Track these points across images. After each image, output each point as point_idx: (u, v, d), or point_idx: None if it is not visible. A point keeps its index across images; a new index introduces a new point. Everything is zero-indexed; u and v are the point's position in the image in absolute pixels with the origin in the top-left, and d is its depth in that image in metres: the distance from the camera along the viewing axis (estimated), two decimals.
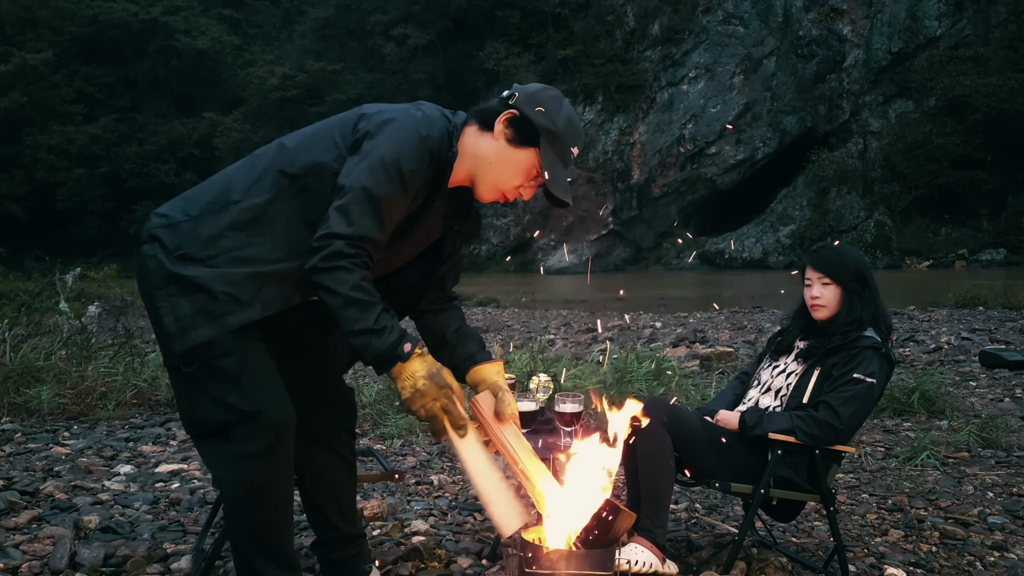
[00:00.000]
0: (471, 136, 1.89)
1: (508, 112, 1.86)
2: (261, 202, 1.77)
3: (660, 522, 2.38)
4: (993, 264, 30.28)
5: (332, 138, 1.82)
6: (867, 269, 2.63)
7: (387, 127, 1.78)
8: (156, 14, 43.68)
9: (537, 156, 1.86)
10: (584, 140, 1.94)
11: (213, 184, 1.87)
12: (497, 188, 1.91)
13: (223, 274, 1.72)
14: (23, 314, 6.82)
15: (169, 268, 1.73)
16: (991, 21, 35.32)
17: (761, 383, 2.70)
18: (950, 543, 2.84)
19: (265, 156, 1.86)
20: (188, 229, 1.76)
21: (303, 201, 1.79)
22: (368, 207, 1.70)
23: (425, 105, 1.92)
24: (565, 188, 1.89)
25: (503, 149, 1.87)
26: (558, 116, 1.86)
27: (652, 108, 37.17)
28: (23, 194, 39.70)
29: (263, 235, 1.76)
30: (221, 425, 1.74)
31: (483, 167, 1.89)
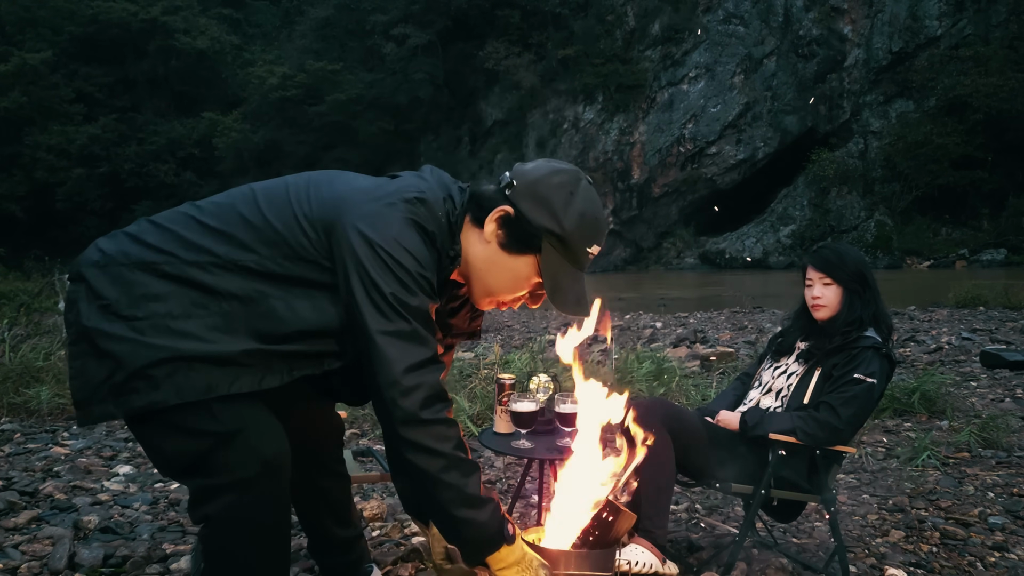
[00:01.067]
0: (466, 232, 1.55)
1: (500, 209, 1.50)
2: (217, 270, 1.45)
3: (660, 523, 2.37)
4: (994, 264, 30.27)
5: (309, 216, 1.47)
6: (868, 269, 2.63)
7: (388, 221, 1.43)
8: (156, 14, 43.71)
9: (535, 265, 1.52)
10: (607, 230, 1.56)
11: (167, 229, 1.52)
12: (492, 297, 1.59)
13: (142, 344, 1.41)
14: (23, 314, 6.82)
15: (85, 322, 1.44)
16: (991, 21, 35.29)
17: (762, 384, 2.70)
18: (951, 543, 2.84)
19: (235, 215, 1.50)
20: (121, 277, 1.45)
21: (263, 278, 1.46)
22: (423, 322, 1.39)
23: (428, 182, 1.54)
24: (577, 300, 1.54)
25: (496, 255, 1.52)
26: (567, 212, 1.48)
27: (652, 108, 37.16)
28: (23, 194, 39.73)
29: (208, 307, 1.44)
30: (197, 457, 1.44)
31: (474, 272, 1.56)
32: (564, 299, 1.52)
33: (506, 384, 2.53)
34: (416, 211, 1.45)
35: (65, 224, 40.72)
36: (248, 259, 1.46)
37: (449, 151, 40.87)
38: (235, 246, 1.47)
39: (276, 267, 1.46)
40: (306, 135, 41.14)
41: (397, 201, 1.45)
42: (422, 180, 1.55)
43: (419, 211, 1.45)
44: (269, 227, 1.48)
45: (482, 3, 38.44)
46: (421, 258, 1.41)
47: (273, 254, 1.46)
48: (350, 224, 1.42)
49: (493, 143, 39.76)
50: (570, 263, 1.51)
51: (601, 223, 1.55)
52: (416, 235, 1.42)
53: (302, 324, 1.46)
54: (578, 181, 1.53)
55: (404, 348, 1.37)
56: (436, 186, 1.54)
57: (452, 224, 1.51)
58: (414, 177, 1.56)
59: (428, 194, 1.50)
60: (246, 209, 1.51)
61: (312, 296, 1.47)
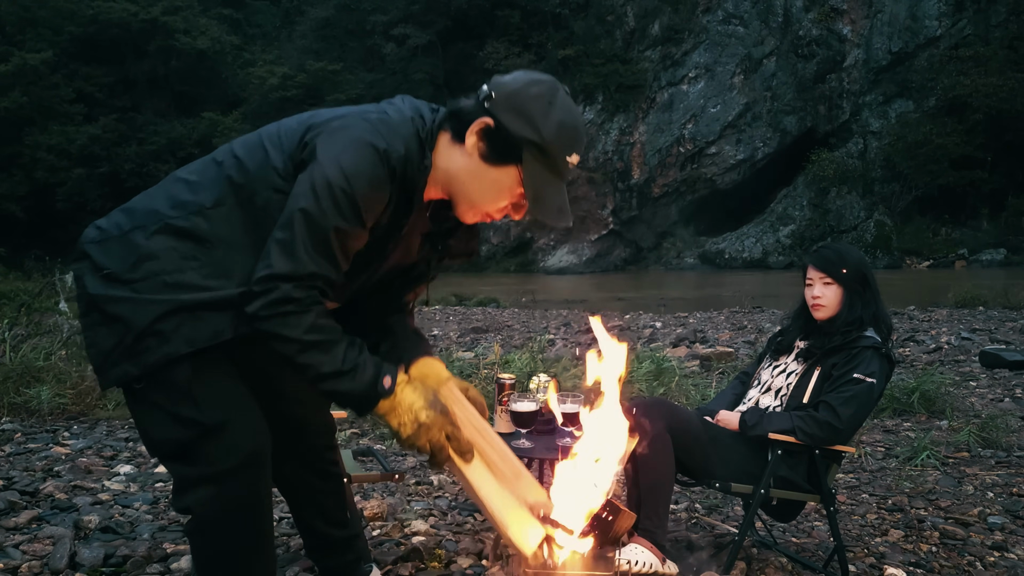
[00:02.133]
0: (444, 146, 1.57)
1: (480, 121, 1.51)
2: (201, 219, 1.52)
3: (660, 522, 2.38)
4: (993, 264, 30.29)
5: (280, 146, 1.55)
6: (868, 269, 2.63)
7: (336, 139, 1.48)
8: (156, 14, 43.70)
9: (517, 175, 1.53)
10: (585, 140, 1.55)
11: (154, 194, 1.61)
12: (477, 210, 1.60)
13: (144, 302, 1.48)
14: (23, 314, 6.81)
15: (91, 292, 1.52)
16: (991, 21, 35.32)
17: (761, 383, 2.70)
18: (950, 543, 2.84)
19: (212, 163, 1.60)
20: (118, 246, 1.53)
21: (247, 218, 1.53)
22: (313, 241, 1.44)
23: (396, 104, 1.61)
24: (559, 209, 1.56)
25: (478, 167, 1.54)
26: (546, 121, 1.50)
27: (652, 108, 37.17)
28: (23, 194, 39.71)
29: (200, 257, 1.51)
30: (182, 444, 1.52)
31: (457, 186, 1.58)
32: (546, 208, 1.54)
33: (506, 384, 2.53)
34: (374, 129, 1.49)
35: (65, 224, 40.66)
36: (228, 201, 1.53)
37: None
38: (214, 192, 1.54)
39: (258, 203, 1.53)
40: None
41: (356, 121, 1.51)
42: (389, 103, 1.61)
43: (378, 129, 1.50)
44: (242, 167, 1.55)
45: (482, 3, 38.44)
46: (358, 179, 1.45)
47: (252, 193, 1.53)
48: (310, 140, 1.50)
49: None
50: (551, 172, 1.53)
51: (579, 132, 1.56)
52: (364, 154, 1.46)
53: None
54: (556, 91, 1.54)
55: (279, 256, 1.44)
56: (404, 107, 1.59)
57: (423, 140, 1.54)
58: (383, 103, 1.62)
59: (391, 113, 1.55)
60: (221, 155, 1.60)
61: None
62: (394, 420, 1.53)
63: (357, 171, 1.44)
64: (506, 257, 38.10)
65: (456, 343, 9.11)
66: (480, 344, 8.47)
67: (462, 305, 16.59)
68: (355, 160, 1.45)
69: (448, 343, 9.11)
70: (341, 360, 1.48)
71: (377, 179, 1.47)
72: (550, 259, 37.08)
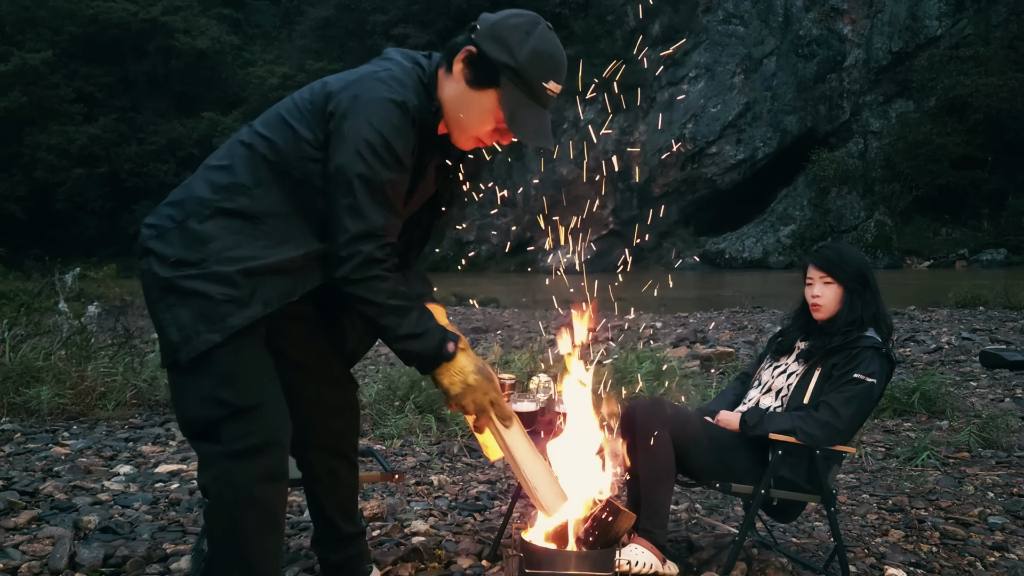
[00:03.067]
0: (442, 81, 1.74)
1: (465, 50, 1.70)
2: (245, 198, 1.67)
3: (660, 523, 2.38)
4: (993, 264, 30.28)
5: (305, 119, 1.69)
6: (869, 270, 2.63)
7: (360, 103, 1.63)
8: (156, 14, 43.68)
9: (497, 99, 1.68)
10: (565, 70, 1.75)
11: (194, 184, 1.75)
12: (468, 134, 1.76)
13: (217, 275, 1.63)
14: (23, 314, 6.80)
15: (164, 277, 1.66)
16: (991, 21, 35.30)
17: (762, 383, 2.70)
18: (950, 543, 2.84)
19: (240, 146, 1.74)
20: (177, 236, 1.67)
21: (288, 189, 1.69)
22: (374, 197, 1.61)
23: (395, 59, 1.76)
24: (537, 131, 1.71)
25: (464, 92, 1.71)
26: (521, 48, 1.65)
27: (652, 108, 37.16)
28: (23, 194, 39.69)
29: (253, 231, 1.66)
30: (211, 423, 1.65)
31: (449, 113, 1.74)
32: (522, 129, 1.69)
33: (506, 384, 2.53)
34: (388, 87, 1.65)
35: (65, 224, 40.69)
36: (266, 178, 1.68)
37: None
38: (251, 172, 1.69)
39: (295, 175, 1.68)
40: None
41: (371, 83, 1.66)
42: (387, 60, 1.76)
43: (391, 85, 1.66)
44: (272, 145, 1.69)
45: (482, 3, 38.41)
46: (391, 133, 1.62)
47: (287, 167, 1.68)
48: (335, 109, 1.65)
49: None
50: (528, 96, 1.68)
51: (558, 60, 1.69)
52: (388, 110, 1.62)
53: None
54: (536, 23, 1.69)
55: (351, 220, 1.61)
56: (404, 60, 1.75)
57: (427, 85, 1.71)
58: (382, 60, 1.77)
59: (395, 68, 1.71)
60: (247, 137, 1.74)
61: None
62: (446, 379, 1.72)
63: (388, 126, 1.61)
64: (506, 257, 38.09)
65: None
66: (480, 344, 8.46)
67: (462, 305, 16.58)
68: (384, 117, 1.62)
69: None
70: (415, 324, 1.67)
71: (404, 128, 1.64)
72: (550, 259, 37.09)
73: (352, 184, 1.60)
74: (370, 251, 1.61)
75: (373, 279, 1.62)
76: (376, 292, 1.63)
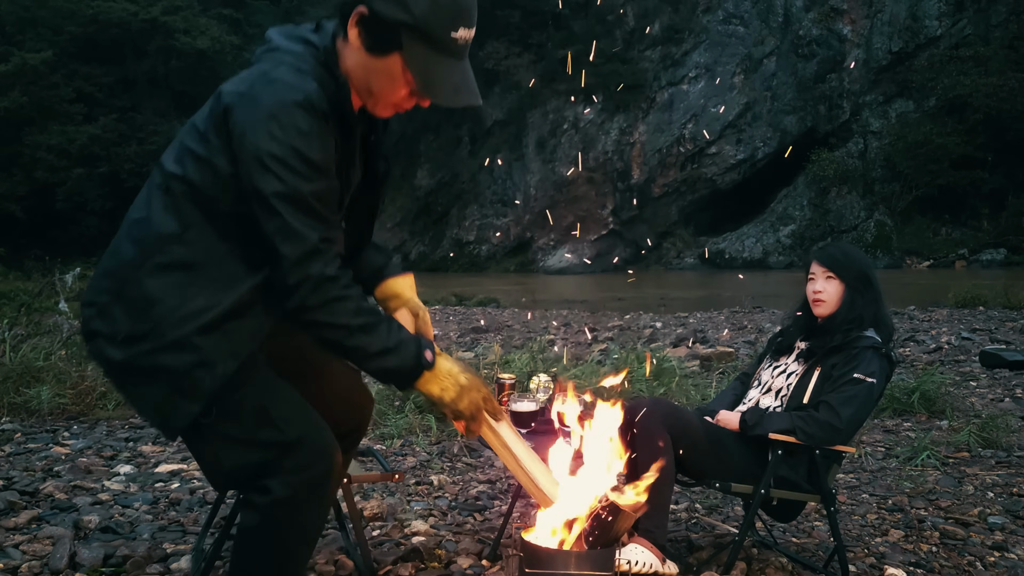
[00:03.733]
0: (341, 50, 1.53)
1: (356, 12, 1.47)
2: (177, 246, 1.50)
3: (660, 522, 2.38)
4: (993, 264, 30.29)
5: (212, 146, 1.49)
6: (872, 271, 2.64)
7: (257, 116, 1.42)
8: (156, 14, 43.69)
9: (403, 62, 1.47)
10: (474, 11, 1.52)
11: (121, 247, 1.57)
12: (383, 102, 1.56)
13: (173, 344, 1.47)
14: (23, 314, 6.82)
15: (118, 361, 1.51)
16: (991, 21, 35.30)
17: (761, 383, 2.70)
18: (950, 543, 2.84)
19: (157, 191, 1.55)
20: (119, 309, 1.51)
21: (221, 224, 1.51)
22: (299, 212, 1.43)
23: (281, 46, 1.54)
24: (457, 88, 1.51)
25: (367, 60, 1.49)
26: (417, 1, 1.43)
27: (652, 108, 37.16)
28: (23, 194, 39.69)
29: (196, 280, 1.50)
30: (259, 468, 1.52)
31: (358, 84, 1.54)
32: (440, 91, 1.50)
33: (506, 384, 2.53)
34: (284, 84, 1.45)
35: (65, 224, 40.68)
36: (194, 220, 1.52)
37: (449, 151, 40.85)
38: (176, 217, 1.52)
39: (224, 208, 1.51)
40: None
41: (263, 87, 1.46)
42: (272, 49, 1.55)
43: (286, 81, 1.45)
44: (189, 184, 1.52)
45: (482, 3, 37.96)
46: (300, 140, 1.42)
47: (213, 201, 1.51)
48: (234, 125, 1.45)
49: (493, 143, 39.75)
50: (437, 52, 1.47)
51: (460, 4, 1.48)
52: (290, 114, 1.42)
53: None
54: None
55: (286, 244, 1.44)
56: (291, 44, 1.54)
57: (325, 63, 1.51)
58: (267, 50, 1.57)
59: (284, 57, 1.51)
60: (160, 180, 1.57)
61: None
62: (435, 387, 1.59)
63: (295, 133, 1.42)
64: (506, 257, 38.10)
65: (456, 343, 9.11)
66: (480, 344, 8.47)
67: (462, 305, 16.58)
68: (287, 124, 1.42)
69: (448, 343, 9.11)
70: (386, 338, 1.52)
71: (315, 130, 1.44)
72: (550, 259, 37.08)
73: (273, 205, 1.42)
74: (319, 271, 1.45)
75: (332, 301, 1.47)
76: (338, 314, 1.48)
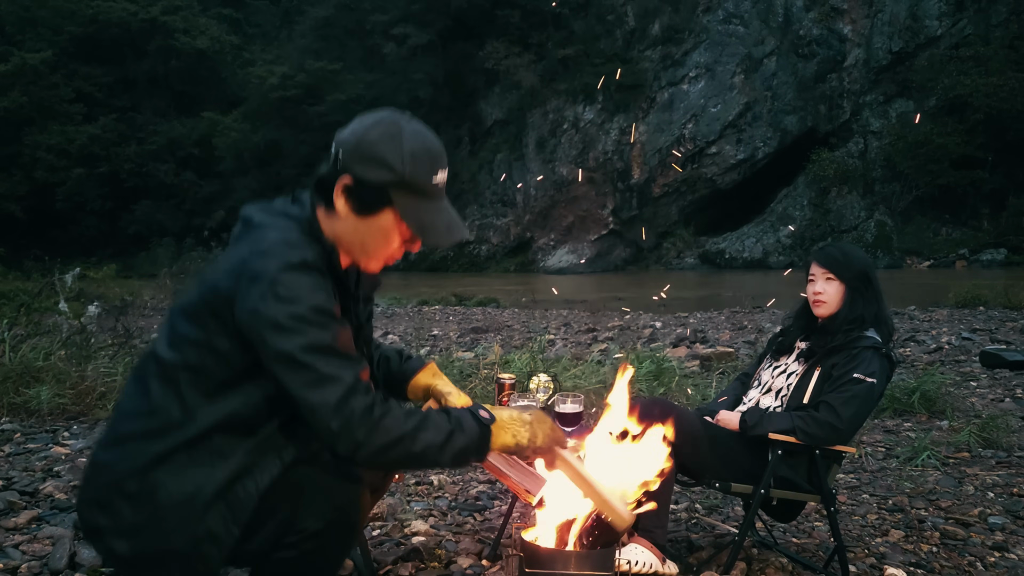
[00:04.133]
0: (324, 220, 1.59)
1: (340, 183, 1.54)
2: (178, 432, 1.50)
3: (660, 522, 2.38)
4: (994, 264, 30.28)
5: (210, 329, 1.50)
6: (872, 270, 2.63)
7: (262, 290, 1.44)
8: (156, 14, 43.73)
9: (395, 215, 1.56)
10: (444, 154, 1.63)
11: (118, 439, 1.56)
12: (376, 259, 1.64)
13: (179, 523, 1.47)
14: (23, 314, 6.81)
15: (126, 552, 1.50)
16: (992, 21, 35.29)
17: (761, 383, 2.70)
18: (951, 543, 2.84)
19: (156, 382, 1.54)
20: (120, 502, 1.50)
21: (223, 396, 1.52)
22: (329, 358, 1.45)
23: (264, 223, 1.57)
24: (450, 227, 1.60)
25: (358, 223, 1.57)
26: (399, 159, 1.52)
27: (652, 108, 37.15)
28: (22, 194, 39.72)
29: (196, 460, 1.50)
30: (276, 538, 1.54)
31: (351, 248, 1.61)
32: (435, 234, 1.59)
33: (506, 384, 2.53)
34: (280, 252, 1.49)
35: (65, 224, 40.71)
36: (198, 403, 1.51)
37: (449, 151, 40.37)
38: (179, 404, 1.51)
39: (224, 380, 1.52)
40: (306, 135, 41.12)
41: (261, 261, 1.48)
42: (256, 226, 1.58)
43: (281, 250, 1.49)
44: (192, 371, 1.53)
45: (482, 3, 38.42)
46: (308, 295, 1.46)
47: (216, 380, 1.52)
48: (243, 310, 1.47)
49: (493, 143, 39.75)
50: (424, 200, 1.56)
51: (435, 150, 1.58)
52: (293, 275, 1.46)
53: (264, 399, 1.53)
54: (397, 124, 1.55)
55: (321, 393, 1.44)
56: (274, 219, 1.58)
57: (311, 231, 1.57)
58: (251, 232, 1.58)
59: (270, 231, 1.54)
60: (156, 369, 1.56)
61: (242, 384, 1.53)
62: (508, 437, 1.58)
63: (302, 290, 1.45)
64: (506, 257, 38.10)
65: (456, 343, 9.11)
66: (480, 344, 8.47)
67: (462, 305, 16.59)
68: (292, 284, 1.45)
69: (448, 343, 9.11)
70: (444, 422, 1.51)
71: (317, 283, 1.49)
72: (550, 259, 37.08)
73: (301, 361, 1.44)
74: (360, 405, 1.44)
75: (379, 422, 1.45)
76: (392, 430, 1.46)
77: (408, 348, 8.24)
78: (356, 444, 1.44)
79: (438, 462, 1.52)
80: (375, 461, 1.49)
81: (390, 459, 1.49)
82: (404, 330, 10.98)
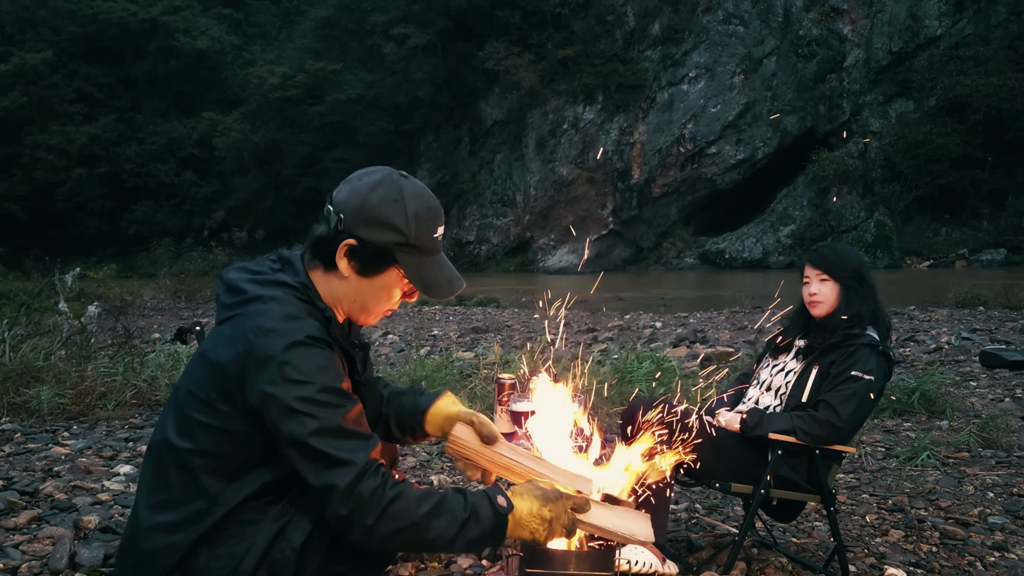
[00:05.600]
0: (321, 281, 1.60)
1: (343, 245, 1.55)
2: (207, 518, 1.51)
3: (660, 522, 2.38)
4: (993, 264, 30.29)
5: (221, 413, 1.50)
6: (865, 268, 2.64)
7: (269, 371, 1.44)
8: (156, 14, 43.72)
9: (399, 273, 1.59)
10: (441, 210, 1.63)
11: (146, 532, 1.54)
12: (375, 314, 1.66)
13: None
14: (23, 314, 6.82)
15: None
16: (991, 21, 35.30)
17: (761, 382, 2.70)
18: (950, 543, 2.84)
19: (174, 471, 1.53)
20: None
21: (244, 480, 1.53)
22: (339, 439, 1.44)
23: (259, 295, 1.54)
24: (451, 281, 1.63)
25: (359, 283, 1.59)
26: (403, 220, 1.54)
27: (652, 108, 37.16)
28: (23, 194, 39.72)
29: (224, 538, 1.52)
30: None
31: (349, 304, 1.63)
32: (439, 290, 1.61)
33: (506, 384, 2.52)
34: (283, 329, 1.47)
35: (65, 224, 40.71)
36: (220, 489, 1.53)
37: (449, 151, 40.86)
38: (200, 494, 1.52)
39: (248, 464, 1.53)
40: (306, 135, 41.15)
41: (263, 339, 1.46)
42: (254, 301, 1.55)
43: (283, 326, 1.48)
44: (208, 458, 1.53)
45: (482, 3, 38.43)
46: (318, 374, 1.45)
47: (235, 463, 1.53)
48: (253, 390, 1.46)
49: (493, 143, 39.76)
50: (426, 255, 1.59)
51: (435, 208, 1.60)
52: (302, 354, 1.45)
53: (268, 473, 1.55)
54: (397, 185, 1.56)
55: (332, 476, 1.43)
56: (269, 290, 1.56)
57: (308, 298, 1.56)
58: (249, 305, 1.54)
59: (268, 304, 1.52)
60: (171, 458, 1.56)
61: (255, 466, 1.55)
62: (525, 532, 1.53)
63: (312, 370, 1.45)
64: (506, 257, 38.11)
65: (456, 343, 9.11)
66: (480, 344, 8.47)
67: (462, 305, 16.59)
68: (300, 364, 1.44)
69: (448, 343, 9.11)
70: (458, 510, 1.48)
71: (326, 359, 1.48)
72: (550, 259, 37.09)
73: (313, 446, 1.43)
74: (368, 488, 1.42)
75: (389, 506, 1.42)
76: (402, 515, 1.43)
77: (408, 348, 8.22)
78: (366, 529, 1.42)
79: (451, 550, 1.52)
80: (386, 546, 1.47)
81: (400, 544, 1.47)
82: (404, 330, 10.98)
